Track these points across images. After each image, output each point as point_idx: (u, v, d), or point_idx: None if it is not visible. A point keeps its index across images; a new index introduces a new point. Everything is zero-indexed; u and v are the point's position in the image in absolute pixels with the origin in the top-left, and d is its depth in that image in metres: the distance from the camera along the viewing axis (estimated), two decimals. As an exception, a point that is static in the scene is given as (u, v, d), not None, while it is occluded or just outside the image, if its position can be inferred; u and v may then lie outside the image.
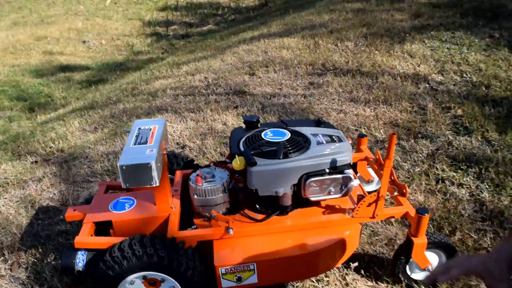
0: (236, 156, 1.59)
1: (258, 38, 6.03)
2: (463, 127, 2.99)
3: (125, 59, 9.03)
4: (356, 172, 2.10)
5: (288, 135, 1.70)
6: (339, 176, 1.64)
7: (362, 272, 1.81)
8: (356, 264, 1.82)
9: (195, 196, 1.66)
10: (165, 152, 1.66)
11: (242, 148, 1.66)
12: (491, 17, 5.49)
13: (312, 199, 1.67)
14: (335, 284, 1.75)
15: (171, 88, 4.45)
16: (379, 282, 1.75)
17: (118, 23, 11.44)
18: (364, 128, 3.07)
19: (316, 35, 5.55)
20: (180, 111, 3.68)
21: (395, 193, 1.74)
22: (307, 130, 1.79)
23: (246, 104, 3.64)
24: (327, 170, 1.64)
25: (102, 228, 1.68)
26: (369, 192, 1.83)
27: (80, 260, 1.56)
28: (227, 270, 1.50)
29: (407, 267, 1.72)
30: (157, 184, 1.49)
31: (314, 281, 1.77)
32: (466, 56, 4.37)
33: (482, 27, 5.22)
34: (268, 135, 1.70)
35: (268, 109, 3.51)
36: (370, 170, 2.15)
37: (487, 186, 2.34)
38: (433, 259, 1.70)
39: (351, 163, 1.71)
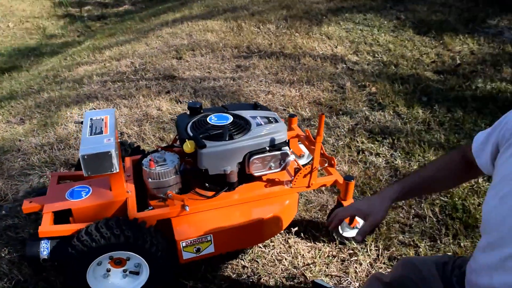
0: (187, 140, 1.75)
1: (181, 20, 6.06)
2: (377, 103, 3.37)
3: (38, 44, 8.53)
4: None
5: (231, 118, 1.89)
6: (278, 152, 1.87)
7: (302, 235, 2.08)
8: (296, 228, 2.08)
9: (149, 179, 1.80)
10: (118, 140, 1.78)
11: (190, 133, 1.82)
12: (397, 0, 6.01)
13: (255, 174, 1.88)
14: (280, 248, 2.00)
15: (97, 75, 4.39)
16: (316, 242, 2.03)
17: (25, 4, 10.70)
18: (292, 108, 3.34)
19: (238, 18, 5.71)
20: (112, 98, 3.69)
21: (326, 165, 2.02)
22: (246, 114, 1.98)
23: (178, 89, 3.75)
24: (267, 148, 1.86)
25: (57, 218, 1.76)
26: (303, 165, 2.08)
27: (45, 249, 1.63)
28: (187, 243, 1.67)
29: (339, 227, 2.01)
30: (118, 171, 1.61)
31: (262, 247, 2.00)
32: (377, 37, 4.80)
33: (390, 9, 5.72)
34: (213, 119, 1.88)
35: (200, 93, 3.65)
36: (301, 146, 2.41)
37: (399, 154, 2.72)
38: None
39: (287, 141, 1.94)
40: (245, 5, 6.30)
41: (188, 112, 2.01)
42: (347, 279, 1.84)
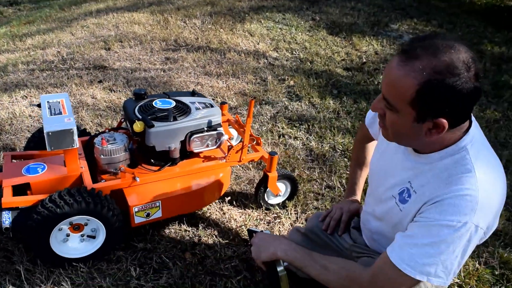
0: (136, 121, 2.02)
1: (105, 11, 6.11)
2: (295, 95, 3.82)
3: None
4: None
5: (173, 103, 2.19)
6: (214, 132, 2.20)
7: (234, 203, 2.43)
8: (229, 198, 2.43)
9: (102, 156, 2.04)
10: (72, 121, 1.99)
11: (138, 115, 2.09)
12: (312, 1, 6.57)
13: (195, 151, 2.20)
14: (216, 214, 2.33)
15: (22, 63, 4.38)
16: (246, 209, 2.40)
17: None
18: (220, 98, 3.68)
19: (164, 11, 5.91)
20: (43, 87, 3.76)
21: (253, 143, 2.39)
22: (186, 99, 2.29)
23: (110, 79, 3.91)
24: (205, 129, 2.18)
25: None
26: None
27: (7, 219, 1.82)
28: (138, 209, 1.95)
29: (265, 195, 2.39)
30: (77, 146, 1.84)
31: (201, 214, 2.32)
32: (294, 36, 5.29)
33: (306, 10, 6.25)
34: (158, 104, 2.16)
35: (132, 83, 3.85)
36: (231, 130, 2.76)
37: (313, 138, 3.18)
38: (282, 187, 2.41)
39: (221, 123, 2.28)
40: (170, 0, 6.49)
41: (133, 98, 2.27)
42: (272, 237, 2.23)
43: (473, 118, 1.29)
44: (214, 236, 2.19)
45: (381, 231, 1.51)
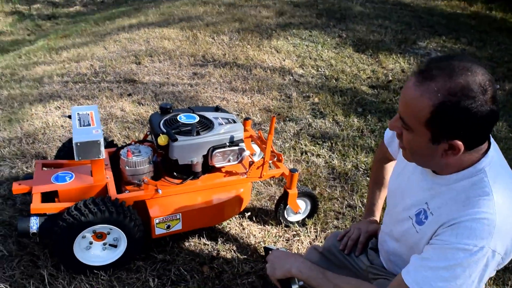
0: (161, 134, 2.08)
1: (137, 26, 6.30)
2: (319, 112, 3.84)
3: (-15, 40, 8.38)
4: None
5: (197, 118, 2.24)
6: (236, 148, 2.24)
7: (254, 219, 2.45)
8: (249, 213, 2.46)
9: (127, 167, 2.11)
10: (100, 133, 2.07)
11: (163, 129, 2.15)
12: (339, 18, 6.61)
13: (217, 165, 2.24)
14: (235, 229, 2.36)
15: (57, 75, 4.56)
16: (266, 225, 2.42)
17: (-30, -1, 10.38)
18: (244, 113, 3.73)
19: (194, 27, 6.05)
20: (75, 98, 3.90)
21: (275, 159, 2.42)
22: (210, 115, 2.34)
23: (139, 92, 4.03)
24: (227, 144, 2.22)
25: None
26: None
27: (34, 224, 1.90)
28: (159, 220, 2.00)
29: (285, 212, 2.40)
30: (104, 157, 1.92)
31: (221, 228, 2.36)
32: (320, 53, 5.32)
33: (333, 27, 6.29)
34: (182, 118, 2.22)
35: (160, 97, 3.95)
36: (254, 146, 2.79)
37: (336, 156, 3.18)
38: (302, 205, 2.42)
39: (243, 139, 2.32)
40: (200, 16, 6.64)
41: (159, 112, 2.34)
42: (290, 254, 2.24)
43: (492, 140, 1.28)
44: (232, 251, 2.21)
45: (398, 253, 1.50)
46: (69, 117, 2.08)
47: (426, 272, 1.18)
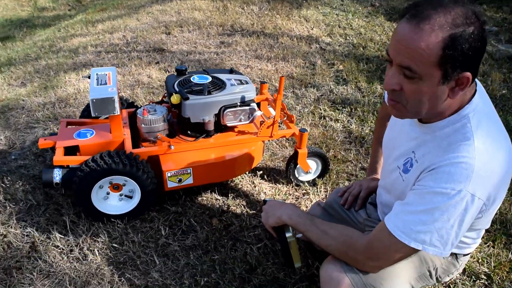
0: (174, 93, 2.18)
1: (170, -1, 6.40)
2: (343, 79, 3.83)
3: (30, 16, 8.77)
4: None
5: (210, 79, 2.32)
6: (247, 107, 2.31)
7: (265, 178, 2.53)
8: (261, 172, 2.54)
9: (143, 125, 2.23)
10: (119, 92, 2.19)
11: (176, 89, 2.25)
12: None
13: (228, 125, 2.32)
14: (247, 186, 2.45)
15: (91, 46, 4.76)
16: (277, 184, 2.49)
17: (16, -23, 10.81)
18: (267, 80, 3.78)
19: (224, -2, 6.09)
20: (106, 66, 4.08)
21: (285, 118, 2.47)
22: (223, 76, 2.41)
23: (166, 60, 4.15)
24: (238, 104, 2.29)
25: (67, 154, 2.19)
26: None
27: (57, 175, 2.06)
28: (171, 174, 2.12)
29: (296, 171, 2.47)
30: (118, 113, 2.04)
31: (232, 185, 2.46)
32: (350, 21, 5.24)
33: (366, -4, 6.14)
34: (195, 79, 2.31)
35: (186, 64, 4.05)
36: (270, 109, 2.85)
37: (355, 121, 3.19)
38: (312, 165, 2.47)
39: (255, 99, 2.38)
40: (232, -13, 6.65)
41: (175, 74, 2.43)
42: (299, 211, 2.31)
43: (479, 87, 1.28)
44: (242, 206, 2.31)
45: (390, 204, 1.52)
46: (89, 77, 2.21)
47: (406, 217, 1.22)
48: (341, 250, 1.37)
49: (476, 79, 1.28)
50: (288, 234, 1.54)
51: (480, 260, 2.02)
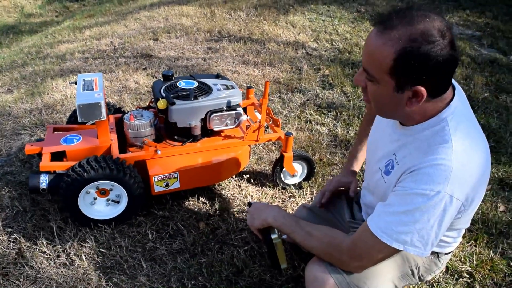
0: (160, 99, 2.20)
1: (158, 5, 6.43)
2: (328, 84, 3.88)
3: (16, 22, 8.72)
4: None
5: (196, 84, 2.35)
6: (233, 112, 2.34)
7: (252, 181, 2.56)
8: (247, 176, 2.57)
9: (129, 130, 2.24)
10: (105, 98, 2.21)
11: (163, 94, 2.27)
12: (359, -7, 6.51)
13: (215, 129, 2.34)
14: (233, 190, 2.48)
15: (79, 52, 4.76)
16: (263, 187, 2.52)
17: (2, -17, 10.74)
18: (254, 85, 3.81)
19: (212, 4, 6.13)
20: (93, 72, 4.07)
21: (270, 122, 2.51)
22: (209, 81, 2.44)
23: (154, 66, 4.17)
24: (225, 108, 2.32)
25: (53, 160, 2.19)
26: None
27: (44, 181, 2.06)
28: (158, 178, 2.13)
29: (282, 175, 2.50)
30: (105, 118, 2.06)
31: (219, 188, 2.48)
32: (336, 27, 5.31)
33: (352, 2, 6.22)
34: (181, 84, 2.33)
35: (174, 70, 4.07)
36: (257, 113, 2.88)
37: (340, 124, 3.23)
38: (298, 168, 2.51)
39: (241, 103, 2.41)
40: (219, -7, 6.69)
41: (162, 79, 2.45)
42: (285, 214, 2.34)
43: (459, 91, 1.32)
44: (228, 210, 2.33)
45: (373, 205, 1.56)
46: (75, 83, 2.23)
47: (388, 217, 1.25)
48: (326, 251, 1.40)
49: (454, 82, 1.33)
50: (273, 236, 1.56)
51: (462, 259, 2.06)
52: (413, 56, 1.10)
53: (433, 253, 1.50)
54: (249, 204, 1.81)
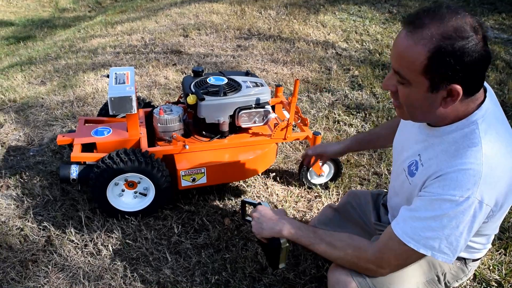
0: (190, 94, 2.21)
1: (188, 2, 6.49)
2: (358, 84, 3.83)
3: (51, 16, 8.96)
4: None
5: (226, 80, 2.35)
6: (261, 110, 2.33)
7: (278, 179, 2.55)
8: (273, 174, 2.56)
9: (159, 124, 2.27)
10: (136, 92, 2.24)
11: (193, 89, 2.28)
12: (391, -6, 6.41)
13: (243, 126, 2.34)
14: (259, 188, 2.47)
15: (110, 46, 4.84)
16: (289, 186, 2.51)
17: (39, -22, 11.05)
18: (282, 83, 3.80)
19: (242, 2, 6.14)
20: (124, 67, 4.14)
21: (299, 121, 2.49)
22: (239, 78, 2.44)
23: (183, 62, 4.20)
24: (253, 106, 2.32)
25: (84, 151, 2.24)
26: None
27: (74, 171, 2.11)
28: (185, 173, 2.15)
29: (308, 174, 2.48)
30: (135, 112, 2.08)
31: (245, 186, 2.48)
32: (367, 27, 5.24)
33: (384, 3, 6.14)
34: (211, 80, 2.34)
35: (203, 67, 4.09)
36: (285, 112, 2.87)
37: (369, 126, 3.18)
38: (325, 168, 2.48)
39: (270, 101, 2.40)
40: (250, -9, 6.70)
41: (192, 75, 2.47)
42: (310, 214, 2.32)
43: (490, 93, 1.27)
44: (254, 206, 2.32)
45: (399, 207, 1.53)
46: (108, 76, 2.26)
47: (414, 223, 1.21)
48: (351, 262, 1.36)
49: (486, 84, 1.28)
50: (282, 240, 1.46)
51: (491, 267, 2.00)
52: (448, 53, 1.07)
53: (460, 259, 1.46)
54: (245, 203, 1.71)
